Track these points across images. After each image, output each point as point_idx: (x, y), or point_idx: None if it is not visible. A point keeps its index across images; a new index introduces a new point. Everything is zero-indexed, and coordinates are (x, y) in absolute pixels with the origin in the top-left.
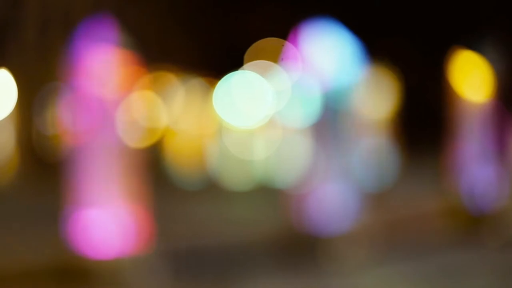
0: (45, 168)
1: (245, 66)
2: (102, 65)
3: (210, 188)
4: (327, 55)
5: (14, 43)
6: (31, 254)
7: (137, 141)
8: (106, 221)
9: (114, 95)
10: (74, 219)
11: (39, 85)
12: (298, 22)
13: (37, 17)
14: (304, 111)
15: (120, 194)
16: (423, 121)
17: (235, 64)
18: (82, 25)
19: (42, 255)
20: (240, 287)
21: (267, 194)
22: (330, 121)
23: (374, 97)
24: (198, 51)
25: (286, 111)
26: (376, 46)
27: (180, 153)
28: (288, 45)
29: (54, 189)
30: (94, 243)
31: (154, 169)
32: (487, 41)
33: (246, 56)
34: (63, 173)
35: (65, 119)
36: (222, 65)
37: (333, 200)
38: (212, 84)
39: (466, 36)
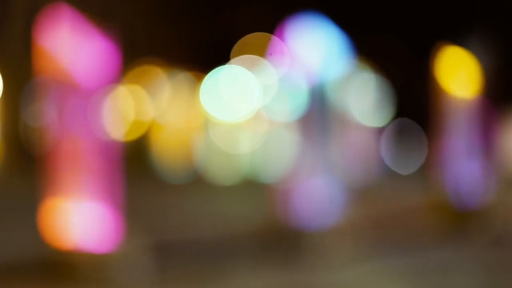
0: (32, 161)
1: (232, 60)
2: (85, 57)
3: (196, 182)
4: (314, 50)
5: (1, 36)
6: (17, 247)
7: (123, 135)
8: (90, 215)
9: (98, 87)
10: (58, 212)
11: (26, 78)
12: (286, 17)
13: (24, 10)
14: (290, 106)
15: (103, 188)
16: (410, 116)
17: (222, 58)
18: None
19: (29, 249)
20: (226, 281)
21: (253, 188)
22: (317, 116)
23: (361, 92)
24: (185, 45)
25: (272, 105)
26: (363, 41)
27: (167, 146)
28: (275, 39)
29: (41, 182)
30: (80, 237)
31: (140, 163)
32: (474, 37)
33: (233, 51)
34: (49, 166)
35: (49, 112)
36: (209, 60)
37: (319, 194)
38: (199, 78)
39: (453, 31)
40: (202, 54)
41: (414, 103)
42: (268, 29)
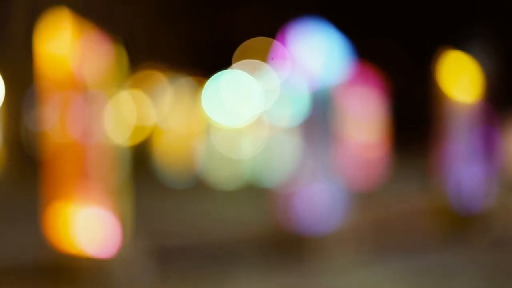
0: (34, 165)
1: (234, 65)
2: (86, 61)
3: (198, 187)
4: (315, 54)
5: (2, 39)
6: (19, 251)
7: (125, 139)
8: (92, 219)
9: (100, 92)
10: (60, 217)
11: (28, 82)
12: (287, 21)
13: (26, 14)
14: (292, 110)
15: (104, 193)
16: (411, 121)
17: (224, 63)
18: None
19: (31, 253)
20: (228, 285)
21: (255, 193)
22: (318, 121)
23: (362, 97)
24: (187, 50)
25: (274, 110)
26: (365, 45)
27: (168, 151)
28: (277, 44)
29: (43, 186)
30: (82, 241)
31: (142, 168)
32: (476, 41)
33: (235, 55)
34: (51, 171)
35: (51, 116)
36: (210, 64)
37: (320, 199)
38: (201, 83)
39: (454, 36)
40: (203, 58)
41: (416, 107)
42: (270, 33)
